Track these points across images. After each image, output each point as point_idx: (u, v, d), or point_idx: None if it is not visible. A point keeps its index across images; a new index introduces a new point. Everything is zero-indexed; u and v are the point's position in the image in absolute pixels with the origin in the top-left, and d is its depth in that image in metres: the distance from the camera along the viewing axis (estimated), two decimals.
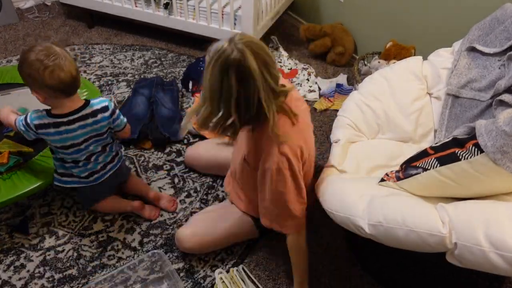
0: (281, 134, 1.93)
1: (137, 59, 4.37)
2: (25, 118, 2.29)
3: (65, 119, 2.29)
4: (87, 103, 2.35)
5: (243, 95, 1.82)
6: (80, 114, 2.32)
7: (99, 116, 2.39)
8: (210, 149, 3.02)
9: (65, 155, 2.44)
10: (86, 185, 2.60)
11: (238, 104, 1.85)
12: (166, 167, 3.21)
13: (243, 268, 2.55)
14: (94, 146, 2.48)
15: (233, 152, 2.58)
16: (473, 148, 1.67)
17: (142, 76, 4.11)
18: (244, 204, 2.54)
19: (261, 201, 2.22)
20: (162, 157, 3.29)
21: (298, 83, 4.06)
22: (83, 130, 2.36)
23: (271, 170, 2.01)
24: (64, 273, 2.54)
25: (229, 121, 1.90)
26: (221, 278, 2.50)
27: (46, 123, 2.27)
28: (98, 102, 2.39)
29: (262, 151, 2.05)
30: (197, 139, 3.42)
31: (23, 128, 2.31)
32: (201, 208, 2.89)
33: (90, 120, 2.36)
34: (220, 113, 1.88)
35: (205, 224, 2.56)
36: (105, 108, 2.40)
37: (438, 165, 1.81)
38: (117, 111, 2.48)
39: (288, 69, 4.25)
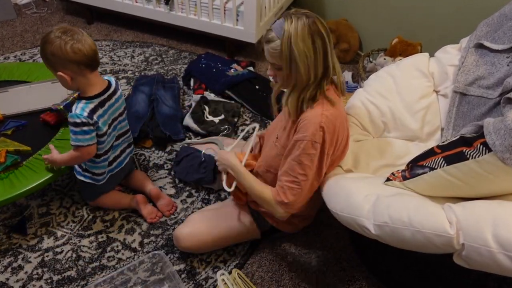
0: (333, 100, 2.10)
1: (137, 56, 4.38)
2: (73, 126, 2.35)
3: (105, 95, 2.42)
4: (107, 80, 2.50)
5: (330, 44, 2.02)
6: (112, 89, 2.48)
7: (119, 89, 2.58)
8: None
9: (101, 147, 2.52)
10: (111, 174, 2.70)
11: (332, 54, 2.05)
12: (167, 166, 3.21)
13: (238, 274, 2.55)
14: (123, 124, 2.65)
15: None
16: (481, 147, 1.67)
17: (142, 73, 4.12)
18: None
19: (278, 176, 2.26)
20: (163, 156, 3.29)
21: None
22: (117, 103, 2.52)
23: (304, 141, 2.06)
24: (63, 275, 2.54)
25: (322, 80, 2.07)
26: (223, 280, 2.50)
27: (93, 107, 2.36)
28: (109, 78, 2.54)
29: (299, 126, 2.11)
30: (198, 137, 3.43)
31: (80, 137, 2.37)
32: (203, 208, 2.88)
33: (118, 93, 2.53)
34: (313, 77, 2.03)
35: (204, 223, 2.55)
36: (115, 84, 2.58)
37: (445, 164, 1.81)
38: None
39: None
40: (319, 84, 2.05)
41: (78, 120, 2.31)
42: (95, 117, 2.35)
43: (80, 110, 2.32)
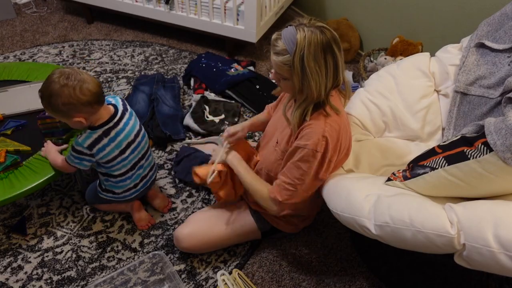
0: (336, 107, 2.10)
1: (137, 56, 4.38)
2: (73, 149, 2.37)
3: (111, 123, 2.37)
4: (112, 105, 2.45)
5: (342, 60, 2.02)
6: (119, 114, 2.43)
7: (127, 110, 2.53)
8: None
9: (113, 169, 2.51)
10: (131, 197, 2.70)
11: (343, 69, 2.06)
12: (167, 166, 3.22)
13: (238, 274, 2.55)
14: (140, 147, 2.58)
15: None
16: (482, 146, 1.67)
17: (142, 73, 4.12)
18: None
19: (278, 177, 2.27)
20: (163, 156, 3.29)
21: None
22: (128, 126, 2.47)
23: (305, 149, 2.06)
24: (63, 275, 2.55)
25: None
26: (223, 280, 2.50)
27: (97, 137, 2.34)
28: (116, 100, 2.50)
29: (302, 133, 2.10)
30: (199, 137, 3.43)
31: (76, 161, 2.41)
32: (203, 208, 2.88)
33: (127, 116, 2.49)
34: (323, 92, 2.03)
35: (204, 224, 2.55)
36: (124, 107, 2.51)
37: (446, 164, 1.81)
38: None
39: None
40: (326, 95, 2.06)
41: (77, 148, 2.34)
42: (94, 150, 2.35)
43: (82, 140, 2.33)
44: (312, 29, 1.89)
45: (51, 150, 2.56)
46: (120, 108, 2.45)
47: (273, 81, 4.01)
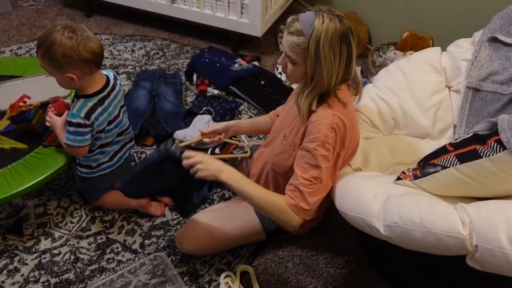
0: (343, 101, 2.10)
1: (138, 50, 4.39)
2: (70, 125, 2.35)
3: (105, 92, 2.40)
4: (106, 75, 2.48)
5: (355, 53, 2.03)
6: (111, 85, 2.46)
7: (117, 84, 2.56)
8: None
9: (95, 143, 2.50)
10: (110, 170, 2.68)
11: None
12: None
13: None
14: (125, 119, 2.64)
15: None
16: (495, 144, 1.67)
17: (143, 68, 4.13)
18: None
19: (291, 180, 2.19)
20: None
21: None
22: (116, 99, 2.50)
23: (316, 143, 2.05)
24: (61, 277, 2.55)
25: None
26: (226, 283, 2.51)
27: (92, 105, 2.35)
28: (107, 72, 2.53)
29: (309, 128, 2.10)
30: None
31: (79, 137, 2.38)
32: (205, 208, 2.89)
33: (117, 88, 2.52)
34: (334, 82, 2.04)
35: (207, 224, 2.54)
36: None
37: (458, 162, 1.81)
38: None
39: None
40: (334, 86, 2.07)
41: (74, 120, 2.31)
42: (92, 118, 2.34)
43: (78, 110, 2.31)
44: (332, 16, 1.92)
45: (57, 124, 2.51)
46: (112, 80, 2.48)
47: (278, 74, 4.03)
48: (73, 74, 2.23)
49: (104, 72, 2.49)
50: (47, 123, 2.56)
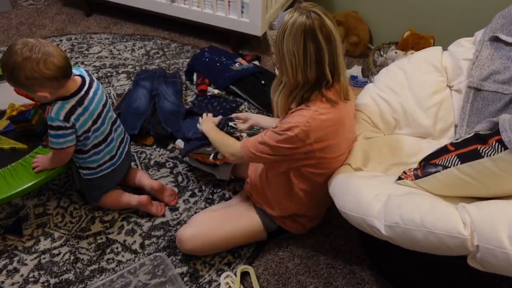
0: (333, 99, 2.11)
1: (138, 50, 4.38)
2: (50, 129, 2.33)
3: (82, 92, 2.36)
4: (79, 76, 2.43)
5: (328, 54, 2.02)
6: (88, 83, 2.42)
7: (94, 80, 2.52)
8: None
9: (86, 143, 2.49)
10: (108, 170, 2.67)
11: (328, 64, 2.04)
12: (169, 164, 3.22)
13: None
14: (110, 114, 2.61)
15: None
16: (497, 144, 1.67)
17: (143, 68, 4.12)
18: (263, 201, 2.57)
19: None
20: (164, 154, 3.30)
21: None
22: (97, 96, 2.46)
23: (283, 125, 2.09)
24: (60, 278, 2.55)
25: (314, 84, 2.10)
26: (227, 283, 2.51)
27: (71, 107, 2.31)
28: (80, 71, 2.48)
29: (288, 115, 2.17)
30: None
31: (60, 140, 2.36)
32: (206, 208, 2.90)
33: (95, 85, 2.48)
34: (302, 80, 2.07)
35: (208, 224, 2.55)
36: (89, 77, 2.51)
37: (459, 162, 1.81)
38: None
39: None
40: (312, 88, 2.08)
41: (54, 124, 2.30)
42: (72, 119, 2.32)
43: (55, 113, 2.28)
44: (302, 11, 1.98)
45: (44, 161, 2.55)
46: (87, 78, 2.44)
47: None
48: (43, 92, 2.21)
49: (75, 71, 2.42)
50: (36, 169, 2.56)
